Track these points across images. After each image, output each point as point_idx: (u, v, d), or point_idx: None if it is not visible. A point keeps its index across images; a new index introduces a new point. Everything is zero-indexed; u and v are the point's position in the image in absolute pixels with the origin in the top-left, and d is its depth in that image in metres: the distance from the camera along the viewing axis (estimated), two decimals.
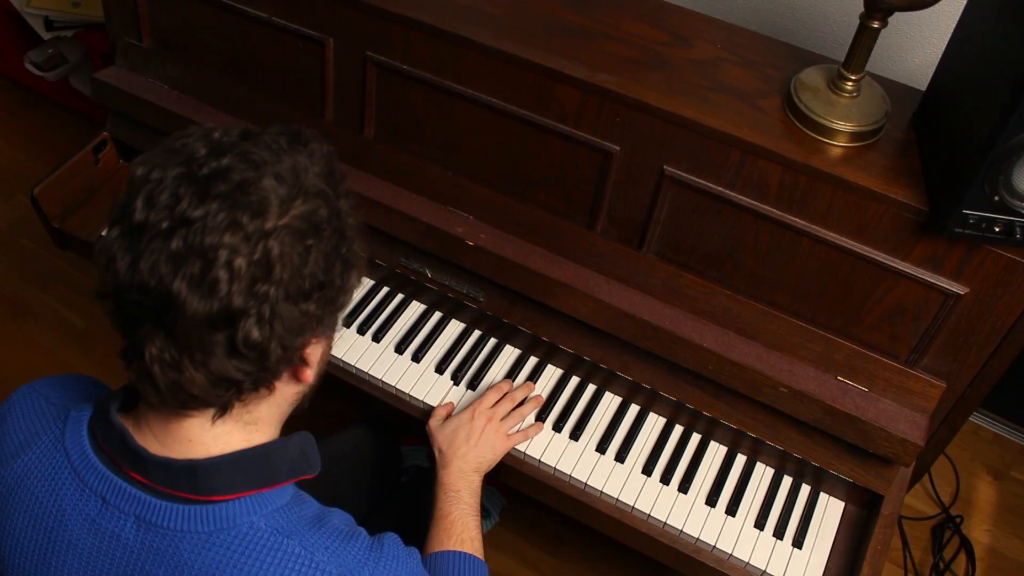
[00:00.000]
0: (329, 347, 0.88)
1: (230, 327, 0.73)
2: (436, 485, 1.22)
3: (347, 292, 0.82)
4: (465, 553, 1.13)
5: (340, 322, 0.87)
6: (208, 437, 0.82)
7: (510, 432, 1.32)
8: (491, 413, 1.31)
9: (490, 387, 1.37)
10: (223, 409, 0.80)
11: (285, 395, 0.85)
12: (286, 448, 0.86)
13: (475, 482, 1.23)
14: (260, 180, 0.73)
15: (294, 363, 0.81)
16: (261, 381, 0.79)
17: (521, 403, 1.36)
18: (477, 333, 1.47)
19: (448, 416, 1.33)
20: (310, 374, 0.83)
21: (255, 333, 0.73)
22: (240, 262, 0.71)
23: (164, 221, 0.71)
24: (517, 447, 1.33)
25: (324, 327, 0.81)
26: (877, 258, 1.17)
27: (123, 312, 0.75)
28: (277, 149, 0.77)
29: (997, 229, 1.05)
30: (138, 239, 0.72)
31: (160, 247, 0.71)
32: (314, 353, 0.82)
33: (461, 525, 1.15)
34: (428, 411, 1.38)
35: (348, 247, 0.80)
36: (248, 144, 0.77)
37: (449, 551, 1.12)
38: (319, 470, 0.89)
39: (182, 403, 0.78)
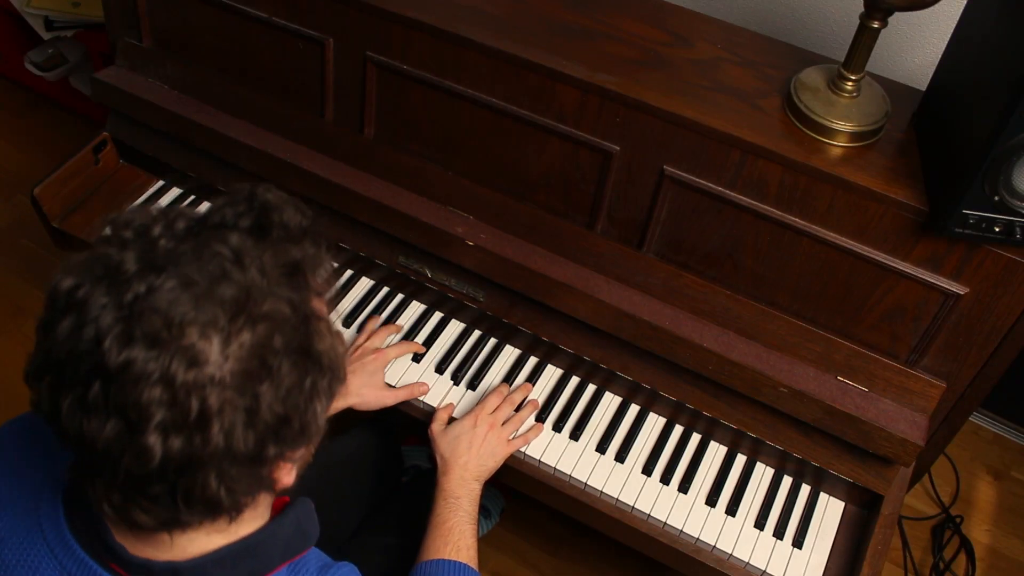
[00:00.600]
0: (317, 439, 0.77)
1: (166, 483, 0.65)
2: (436, 491, 1.21)
3: (311, 424, 0.70)
4: (460, 563, 1.12)
5: (323, 429, 0.75)
6: (184, 540, 0.74)
7: (511, 438, 1.32)
8: (492, 419, 1.30)
9: (490, 392, 1.37)
10: (194, 525, 0.72)
11: (261, 501, 0.77)
12: (279, 531, 0.79)
13: (475, 490, 1.22)
14: (195, 314, 0.61)
15: (258, 494, 0.72)
16: (219, 515, 0.70)
17: (519, 407, 1.36)
18: (477, 333, 1.47)
19: (450, 420, 1.32)
20: (289, 480, 0.74)
21: (198, 492, 0.65)
22: (172, 422, 0.61)
23: (82, 365, 0.62)
24: (518, 448, 1.33)
25: (296, 452, 0.71)
26: (877, 258, 1.17)
27: (62, 443, 0.66)
28: (224, 259, 0.65)
29: (997, 229, 1.05)
30: (58, 377, 0.63)
31: (80, 396, 0.62)
32: (290, 469, 0.73)
33: (458, 533, 1.15)
34: (428, 411, 1.38)
35: (315, 374, 0.68)
36: (189, 251, 0.65)
37: (444, 560, 1.12)
38: (317, 538, 0.84)
39: (139, 530, 0.71)
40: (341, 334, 0.74)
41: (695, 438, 1.38)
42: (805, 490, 1.34)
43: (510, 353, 1.45)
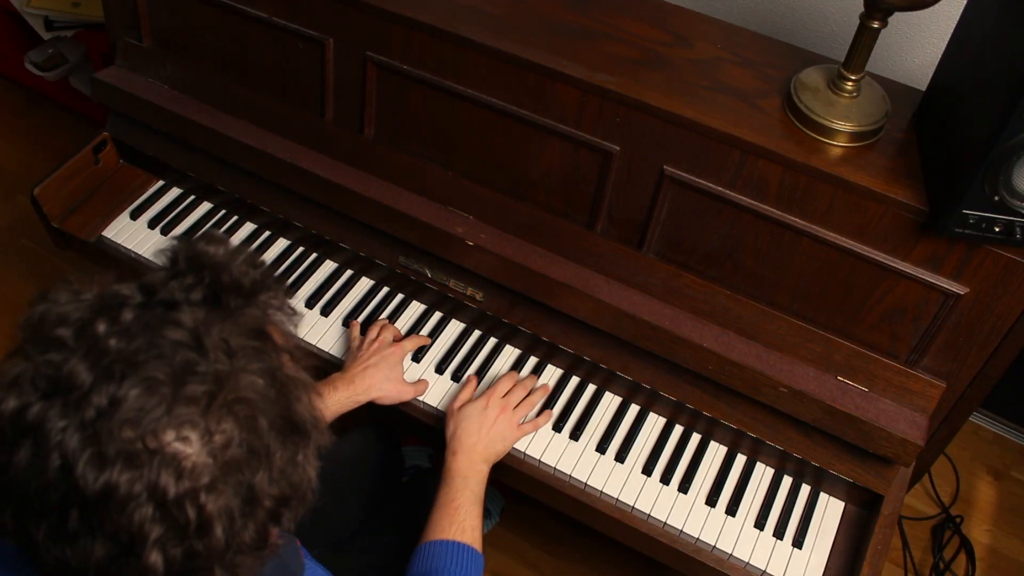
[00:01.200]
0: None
1: None
2: (444, 471, 1.21)
3: (309, 492, 0.68)
4: (464, 544, 1.12)
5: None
6: None
7: (521, 422, 1.32)
8: (504, 402, 1.30)
9: (501, 376, 1.36)
10: None
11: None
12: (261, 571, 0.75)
13: (483, 472, 1.23)
14: (167, 417, 0.57)
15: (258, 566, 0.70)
16: None
17: (530, 393, 1.36)
18: (477, 333, 1.47)
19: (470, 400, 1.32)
20: (277, 534, 0.71)
21: None
22: (171, 537, 0.58)
23: (53, 494, 0.57)
24: (517, 447, 1.33)
25: (291, 522, 0.69)
26: (877, 258, 1.17)
27: (46, 568, 0.62)
28: (186, 349, 0.60)
29: (997, 229, 1.05)
30: (25, 507, 0.59)
31: (55, 526, 0.58)
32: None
33: (464, 512, 1.15)
34: (428, 411, 1.38)
35: (303, 443, 0.66)
36: (143, 346, 0.59)
37: (448, 540, 1.11)
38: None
39: None
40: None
41: (695, 438, 1.38)
42: (805, 490, 1.34)
43: (510, 353, 1.45)
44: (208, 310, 0.63)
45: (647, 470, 1.33)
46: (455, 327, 1.48)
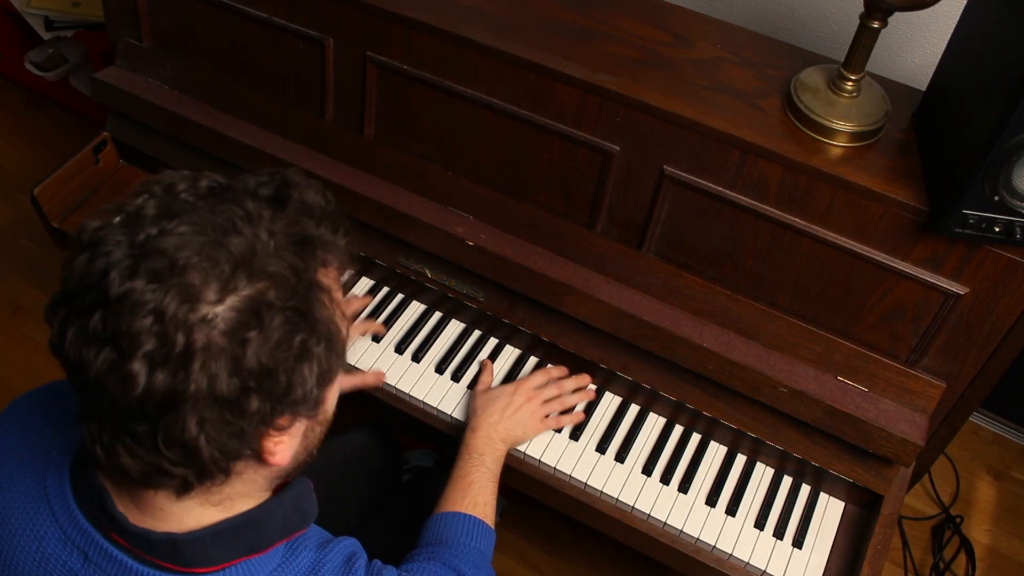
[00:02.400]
0: (319, 423, 0.79)
1: (151, 422, 0.66)
2: (460, 447, 1.21)
3: (297, 387, 0.69)
4: (475, 517, 1.11)
5: (326, 403, 0.76)
6: (178, 509, 0.75)
7: (547, 416, 1.32)
8: (534, 393, 1.31)
9: (539, 369, 1.37)
10: (183, 488, 0.72)
11: (254, 476, 0.77)
12: (277, 509, 0.79)
13: (500, 450, 1.23)
14: (198, 258, 0.64)
15: (244, 457, 0.72)
16: (205, 475, 0.71)
17: (563, 395, 1.36)
18: (477, 333, 1.47)
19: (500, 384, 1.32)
20: (283, 458, 0.74)
21: (177, 433, 0.66)
22: (158, 354, 0.63)
23: (89, 295, 0.65)
24: (517, 448, 1.33)
25: (281, 419, 0.71)
26: (877, 258, 1.17)
27: (69, 378, 0.69)
28: (236, 216, 0.68)
29: (997, 229, 1.05)
30: (67, 308, 0.66)
31: (83, 325, 0.65)
32: (280, 443, 0.73)
33: (478, 488, 1.15)
34: (428, 411, 1.38)
35: (307, 334, 0.69)
36: (205, 206, 0.68)
37: (460, 513, 1.11)
38: (315, 517, 0.84)
39: (131, 481, 0.72)
40: (344, 312, 0.75)
41: (695, 438, 1.38)
42: (805, 490, 1.34)
43: (510, 353, 1.45)
44: (271, 208, 0.71)
45: (647, 470, 1.33)
46: (455, 327, 1.48)
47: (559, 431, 1.36)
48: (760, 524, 1.30)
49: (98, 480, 0.76)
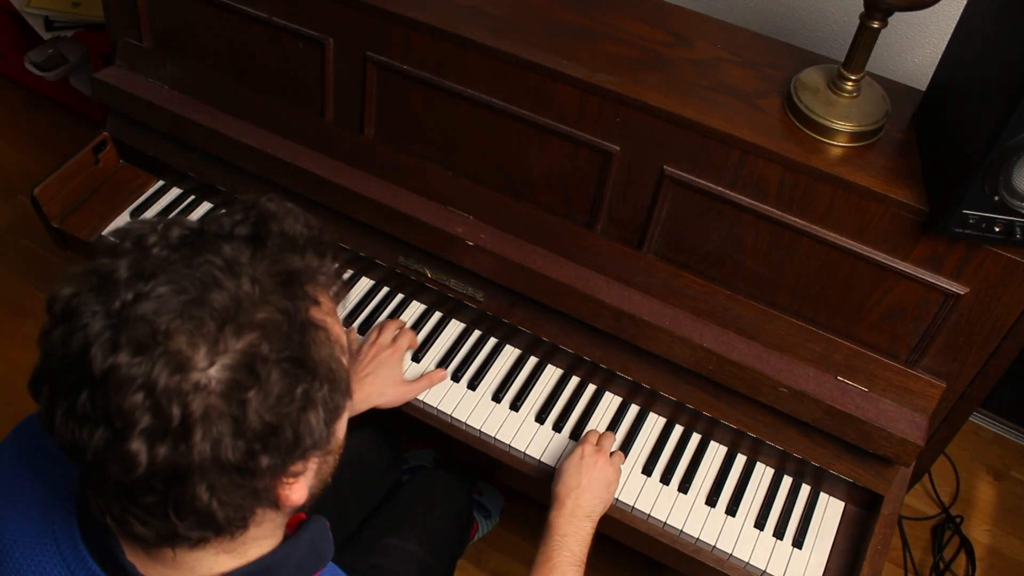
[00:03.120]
0: (331, 455, 0.76)
1: (157, 495, 0.63)
2: (547, 525, 1.19)
3: (306, 437, 0.67)
4: None
5: (336, 436, 0.73)
6: (190, 559, 0.73)
7: (612, 456, 1.30)
8: (600, 448, 1.28)
9: (586, 431, 1.34)
10: (200, 542, 0.70)
11: (271, 520, 0.74)
12: (292, 553, 0.77)
13: (584, 529, 1.18)
14: (180, 321, 0.61)
15: (261, 507, 0.69)
16: (222, 532, 0.68)
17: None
18: (477, 333, 1.47)
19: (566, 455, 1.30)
20: (299, 498, 0.71)
21: (188, 503, 0.63)
22: (156, 429, 0.60)
23: (71, 373, 0.62)
24: (516, 447, 1.33)
25: (295, 467, 0.69)
26: (877, 258, 1.17)
27: (63, 449, 0.66)
28: (214, 268, 0.64)
29: (997, 229, 1.05)
30: (51, 386, 0.63)
31: (71, 405, 0.62)
32: (295, 486, 0.70)
33: (559, 573, 1.13)
34: (428, 412, 1.38)
35: (308, 383, 0.66)
36: (180, 260, 0.65)
37: None
38: (331, 557, 0.82)
39: (145, 545, 0.70)
40: (344, 345, 0.72)
41: (695, 438, 1.38)
42: (805, 490, 1.34)
43: (510, 353, 1.45)
44: (250, 248, 0.67)
45: (647, 470, 1.33)
46: (455, 327, 1.48)
47: (559, 431, 1.36)
48: (760, 524, 1.30)
49: (105, 527, 0.73)
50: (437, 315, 1.48)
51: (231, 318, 0.62)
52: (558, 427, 1.36)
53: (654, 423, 1.39)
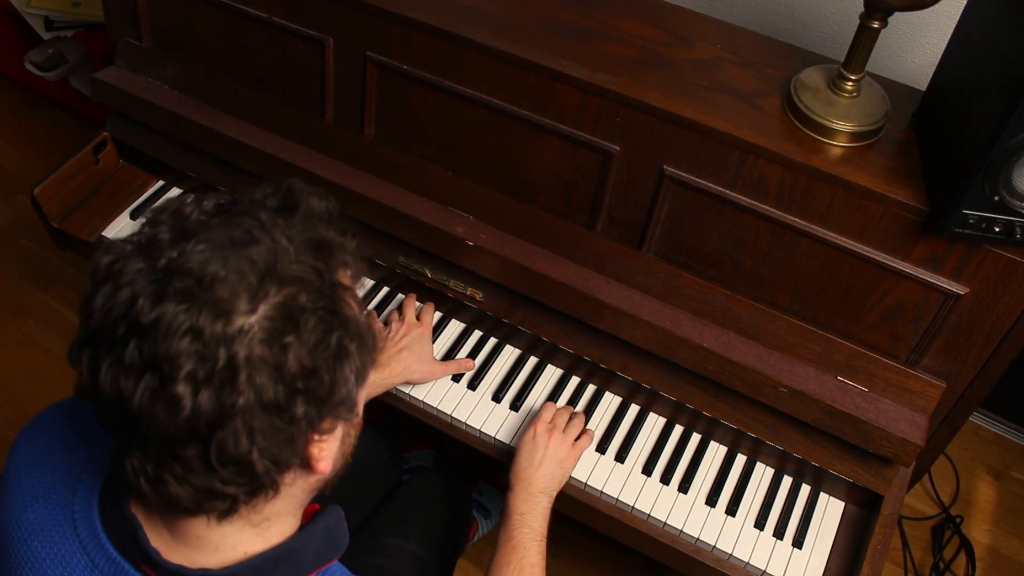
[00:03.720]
0: (353, 428, 0.80)
1: (201, 442, 0.65)
2: (504, 506, 1.20)
3: (340, 386, 0.70)
4: None
5: (359, 405, 0.77)
6: (216, 536, 0.75)
7: (577, 439, 1.31)
8: (552, 426, 1.29)
9: (540, 408, 1.35)
10: (227, 513, 0.72)
11: (297, 489, 0.77)
12: (310, 540, 0.80)
13: (541, 504, 1.21)
14: (225, 271, 0.64)
15: (293, 467, 0.72)
16: (256, 491, 0.71)
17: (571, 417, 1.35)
18: (477, 333, 1.47)
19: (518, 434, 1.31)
20: (326, 466, 0.74)
21: (231, 448, 0.65)
22: (201, 373, 0.63)
23: (119, 327, 0.64)
24: (516, 446, 1.33)
25: (326, 422, 0.71)
26: (877, 258, 1.17)
27: (101, 417, 0.69)
28: (252, 227, 0.68)
29: (997, 229, 1.05)
30: (96, 346, 0.66)
31: (118, 357, 0.64)
32: (324, 448, 0.73)
33: (523, 550, 1.14)
34: (428, 411, 1.38)
35: (340, 335, 0.69)
36: (219, 223, 0.68)
37: None
38: (347, 546, 0.84)
39: (177, 512, 0.72)
40: (373, 313, 0.75)
41: (695, 438, 1.38)
42: (805, 490, 1.34)
43: (510, 353, 1.45)
44: (282, 216, 0.71)
45: (647, 470, 1.33)
46: (455, 327, 1.48)
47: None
48: (760, 524, 1.30)
49: (130, 511, 0.75)
50: (437, 315, 1.48)
51: (270, 271, 0.66)
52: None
53: (654, 423, 1.39)
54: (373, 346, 0.74)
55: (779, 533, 1.29)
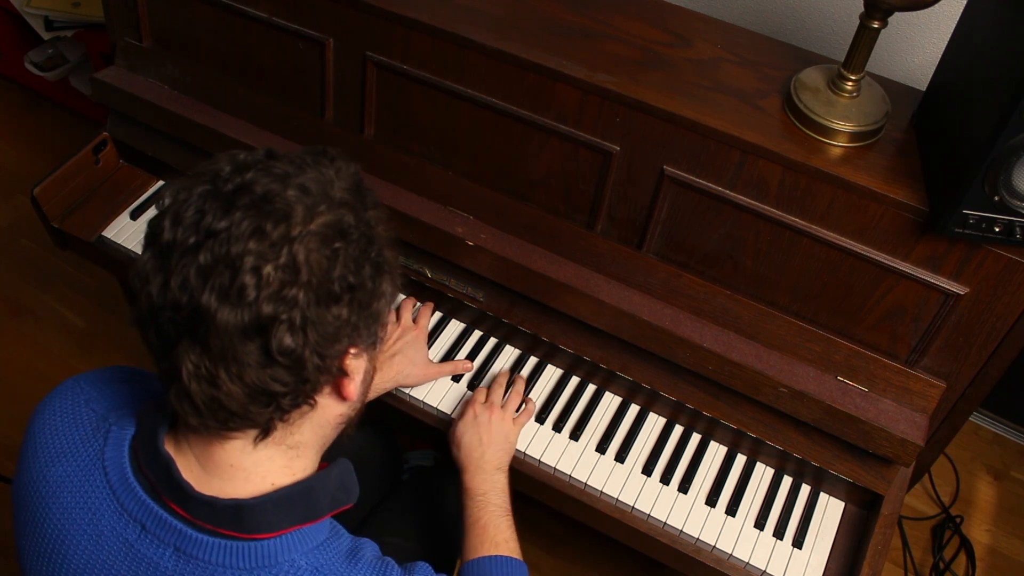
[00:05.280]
0: (373, 367, 0.87)
1: (262, 335, 0.72)
2: (462, 492, 1.21)
3: (380, 297, 0.79)
4: (501, 556, 1.11)
5: (380, 339, 0.84)
6: (249, 463, 0.81)
7: (517, 414, 1.32)
8: (489, 404, 1.30)
9: (475, 389, 1.36)
10: (265, 431, 0.79)
11: (328, 415, 0.84)
12: (327, 481, 0.85)
13: (500, 481, 1.22)
14: (284, 190, 0.73)
15: (333, 374, 0.79)
16: (300, 395, 0.77)
17: (509, 388, 1.37)
18: (477, 333, 1.47)
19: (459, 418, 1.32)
20: (353, 389, 0.81)
21: (288, 340, 0.72)
22: (267, 268, 0.70)
23: (191, 237, 0.71)
24: (516, 448, 1.33)
25: (361, 337, 0.79)
26: (877, 258, 1.17)
27: (159, 333, 0.74)
28: (301, 164, 0.77)
29: (997, 229, 1.05)
30: (168, 258, 0.72)
31: (189, 262, 0.71)
32: (355, 366, 0.80)
33: (494, 528, 1.15)
34: (428, 412, 1.38)
35: (378, 252, 0.78)
36: (272, 160, 0.77)
37: (486, 556, 1.11)
38: (357, 498, 0.88)
39: (222, 422, 0.76)
40: (396, 249, 0.84)
41: (695, 438, 1.38)
42: (805, 490, 1.34)
43: (510, 353, 1.45)
44: (320, 158, 0.80)
45: (647, 470, 1.33)
46: (455, 327, 1.48)
47: (559, 431, 1.36)
48: (760, 524, 1.30)
49: (164, 450, 0.80)
50: (437, 315, 1.48)
51: (322, 193, 0.75)
52: (558, 427, 1.36)
53: (654, 423, 1.39)
54: (398, 275, 0.83)
55: (779, 533, 1.29)
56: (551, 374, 1.43)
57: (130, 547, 0.81)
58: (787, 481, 1.35)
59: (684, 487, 1.32)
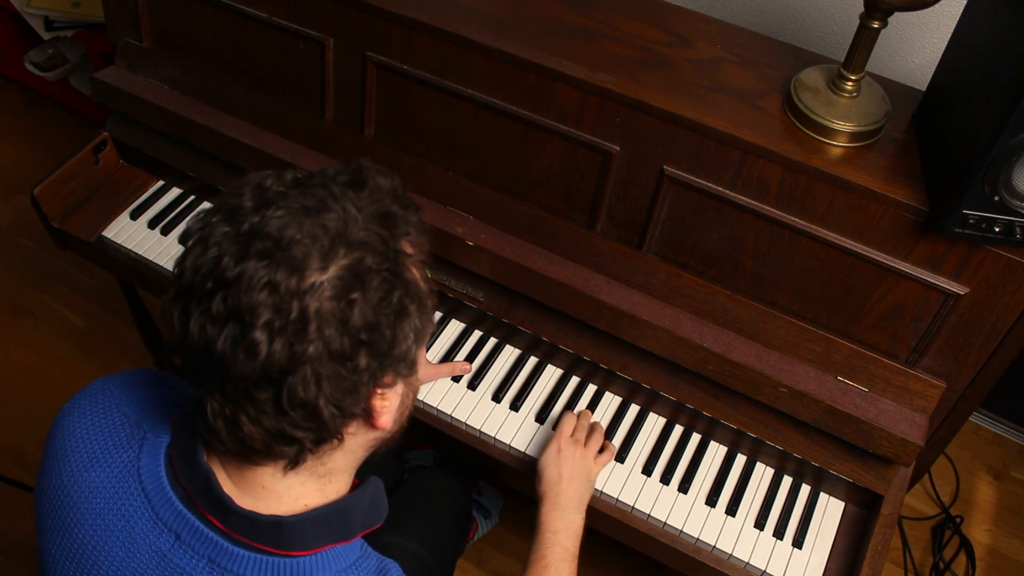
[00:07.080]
0: (413, 391, 0.86)
1: (274, 387, 0.71)
2: (537, 523, 1.19)
3: (400, 342, 0.76)
4: None
5: (417, 367, 0.83)
6: (281, 487, 0.81)
7: (600, 452, 1.31)
8: (575, 439, 1.29)
9: (561, 417, 1.34)
10: (294, 462, 0.79)
11: (359, 442, 0.83)
12: (360, 501, 0.86)
13: (575, 522, 1.20)
14: (299, 235, 0.71)
15: (357, 416, 0.78)
16: (323, 438, 0.77)
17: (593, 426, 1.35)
18: (477, 333, 1.47)
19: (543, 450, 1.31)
20: (387, 420, 0.80)
21: (300, 393, 0.72)
22: (277, 322, 0.69)
23: (207, 282, 0.71)
24: (516, 447, 1.33)
25: (387, 377, 0.77)
26: (877, 258, 1.17)
27: (188, 367, 0.76)
28: (325, 197, 0.75)
29: (997, 229, 1.05)
30: (188, 301, 0.73)
31: (206, 308, 0.71)
32: (385, 403, 0.79)
33: (555, 571, 1.13)
34: (427, 412, 1.38)
35: (403, 294, 0.75)
36: (296, 193, 0.76)
37: None
38: (386, 516, 0.89)
39: (247, 457, 0.78)
40: (429, 276, 0.82)
41: (695, 438, 1.38)
42: (805, 490, 1.34)
43: (510, 353, 1.45)
44: (350, 189, 0.78)
45: (647, 470, 1.33)
46: (455, 327, 1.48)
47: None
48: (760, 524, 1.30)
49: (204, 462, 0.80)
50: (437, 315, 1.48)
51: (340, 236, 0.73)
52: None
53: (654, 423, 1.39)
54: (432, 309, 0.81)
55: (779, 533, 1.29)
56: (551, 374, 1.43)
57: (163, 556, 0.80)
58: (787, 481, 1.35)
59: (684, 487, 1.32)
